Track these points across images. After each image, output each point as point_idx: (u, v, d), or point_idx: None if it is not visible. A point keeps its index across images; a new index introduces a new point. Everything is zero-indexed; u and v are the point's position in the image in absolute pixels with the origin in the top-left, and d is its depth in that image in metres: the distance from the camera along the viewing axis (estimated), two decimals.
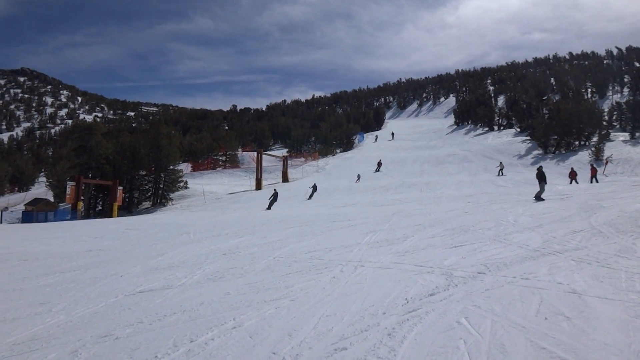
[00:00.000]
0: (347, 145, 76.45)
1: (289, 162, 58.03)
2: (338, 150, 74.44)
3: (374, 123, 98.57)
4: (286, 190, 42.58)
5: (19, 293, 9.73)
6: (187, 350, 5.34)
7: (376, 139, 78.10)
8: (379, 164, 50.16)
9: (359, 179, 43.62)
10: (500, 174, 38.12)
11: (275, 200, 31.18)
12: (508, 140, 57.87)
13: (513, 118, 69.69)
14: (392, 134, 78.93)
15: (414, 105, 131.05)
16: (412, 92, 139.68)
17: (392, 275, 8.36)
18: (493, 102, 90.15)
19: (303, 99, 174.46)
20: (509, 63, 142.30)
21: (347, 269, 9.21)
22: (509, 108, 74.28)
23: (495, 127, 71.74)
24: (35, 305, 8.40)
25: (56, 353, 5.63)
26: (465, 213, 16.96)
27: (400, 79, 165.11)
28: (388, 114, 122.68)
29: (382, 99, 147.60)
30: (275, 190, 33.20)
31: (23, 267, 13.45)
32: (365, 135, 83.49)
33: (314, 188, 37.00)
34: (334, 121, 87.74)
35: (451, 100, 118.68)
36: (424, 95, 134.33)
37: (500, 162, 40.36)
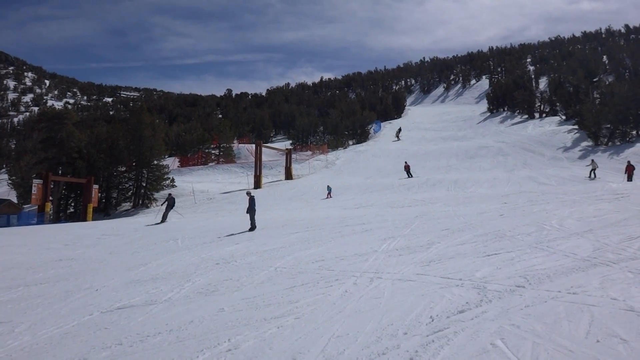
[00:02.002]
0: (361, 137, 76.42)
1: (294, 156, 58.09)
2: (350, 142, 74.43)
3: (393, 110, 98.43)
4: (290, 189, 42.66)
5: None
6: None
7: (398, 134, 72.71)
8: (407, 169, 43.88)
9: (329, 193, 37.04)
10: (592, 175, 33.72)
11: (172, 207, 28.17)
12: (551, 130, 57.61)
13: (557, 104, 69.35)
14: (399, 130, 73.87)
15: (440, 89, 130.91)
16: (438, 74, 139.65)
17: (414, 289, 8.35)
18: (533, 84, 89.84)
19: (309, 82, 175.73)
20: (553, 38, 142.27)
21: (362, 282, 9.21)
22: (552, 92, 73.90)
23: (536, 115, 71.42)
24: None
25: None
26: (501, 216, 16.91)
27: (424, 58, 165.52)
28: (409, 100, 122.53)
29: (403, 82, 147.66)
30: (173, 197, 29.68)
31: None
32: (382, 124, 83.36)
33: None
34: (345, 108, 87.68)
35: (483, 83, 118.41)
36: (452, 77, 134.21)
37: (592, 161, 35.74)
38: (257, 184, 47.46)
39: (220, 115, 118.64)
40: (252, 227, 19.65)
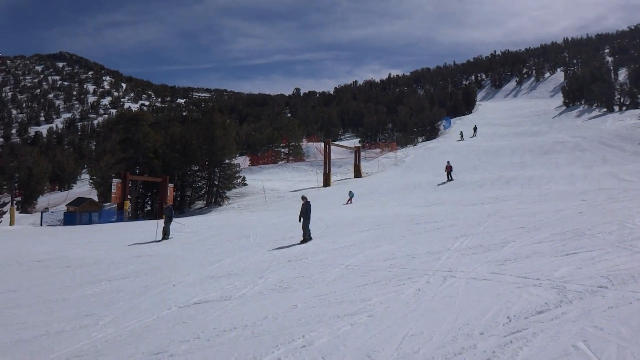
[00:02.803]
0: (431, 133, 75.54)
1: (362, 153, 58.00)
2: (420, 139, 73.67)
3: (463, 106, 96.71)
4: (359, 187, 42.60)
5: (63, 304, 10.30)
6: None
7: (461, 136, 67.24)
8: (449, 170, 40.74)
9: (350, 199, 35.58)
10: None
11: (170, 220, 21.91)
12: (632, 124, 55.11)
13: (639, 96, 66.29)
14: (475, 129, 69.01)
15: (512, 83, 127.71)
16: (510, 68, 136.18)
17: (489, 288, 8.19)
18: (612, 76, 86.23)
19: (377, 79, 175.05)
20: (633, 27, 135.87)
21: (435, 280, 9.10)
22: (633, 83, 70.77)
23: (616, 108, 68.54)
24: (80, 317, 8.86)
25: None
26: (579, 213, 16.34)
27: (495, 51, 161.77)
28: (480, 95, 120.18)
29: (473, 77, 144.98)
30: (169, 206, 23.37)
31: (66, 274, 14.21)
32: (452, 120, 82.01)
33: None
34: (414, 105, 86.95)
35: (558, 76, 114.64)
36: (524, 70, 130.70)
37: None
38: (326, 182, 47.63)
39: (289, 114, 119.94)
40: (305, 239, 16.53)
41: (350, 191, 36.22)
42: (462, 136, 65.43)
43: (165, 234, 21.41)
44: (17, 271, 14.01)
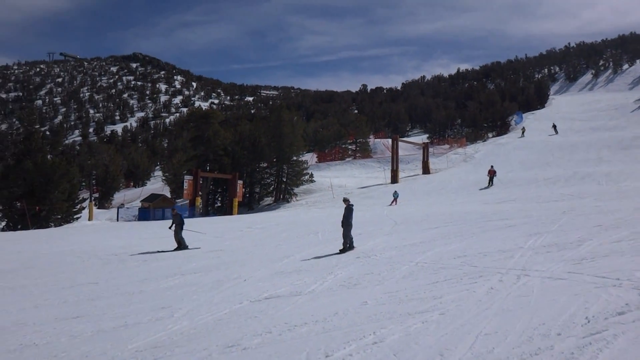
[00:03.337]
0: (502, 129, 73.77)
1: (431, 149, 57.34)
2: (490, 135, 72.11)
3: (535, 100, 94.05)
4: (428, 184, 42.19)
5: (140, 296, 10.68)
6: None
7: (522, 133, 64.95)
8: (492, 174, 37.34)
9: (395, 199, 34.48)
10: None
11: (181, 227, 18.54)
12: None
13: None
14: (554, 127, 64.38)
15: (588, 76, 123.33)
16: (585, 60, 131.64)
17: (566, 288, 7.94)
18: None
19: (446, 74, 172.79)
20: None
21: (508, 279, 8.90)
22: None
23: None
24: (156, 309, 9.15)
25: None
26: None
27: (569, 43, 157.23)
28: (553, 89, 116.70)
29: (546, 70, 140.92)
30: (178, 213, 19.38)
31: (142, 268, 14.73)
32: (524, 115, 79.80)
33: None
34: (484, 99, 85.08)
35: (638, 68, 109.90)
36: (601, 62, 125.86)
37: None
38: (394, 179, 47.36)
39: (356, 111, 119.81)
40: (345, 248, 14.49)
41: (395, 191, 35.65)
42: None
43: (180, 244, 18.28)
44: (97, 264, 14.61)
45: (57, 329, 8.23)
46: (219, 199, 53.69)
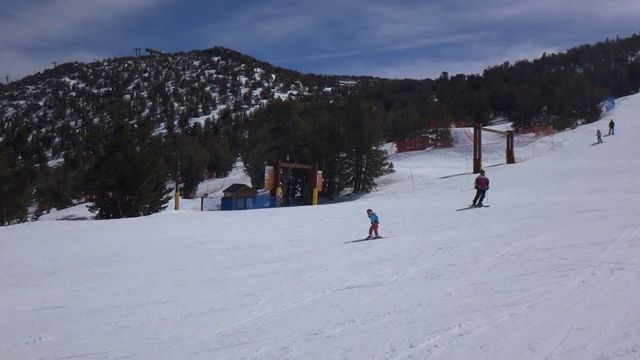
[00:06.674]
0: (592, 115, 70.54)
1: (515, 138, 55.63)
2: (579, 122, 69.16)
3: (629, 84, 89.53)
4: (512, 173, 40.97)
5: (224, 283, 10.98)
6: (407, 356, 5.45)
7: (598, 136, 52.02)
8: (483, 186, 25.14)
9: (374, 225, 17.03)
10: None
11: None
12: None
13: None
14: (611, 125, 55.11)
15: None
16: None
17: None
18: None
19: (530, 60, 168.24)
20: None
21: (601, 272, 8.51)
22: None
23: None
24: (240, 296, 9.38)
25: (266, 348, 6.18)
26: None
27: None
28: None
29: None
30: None
31: (226, 256, 15.13)
32: (616, 101, 75.93)
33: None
34: (572, 85, 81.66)
35: None
36: None
37: None
38: (477, 169, 46.31)
39: (436, 99, 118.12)
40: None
41: (373, 214, 17.17)
42: (599, 138, 51.75)
43: None
44: (183, 252, 15.11)
45: (149, 312, 8.60)
46: (299, 189, 54.27)
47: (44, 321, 8.55)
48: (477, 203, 21.76)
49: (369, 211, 17.06)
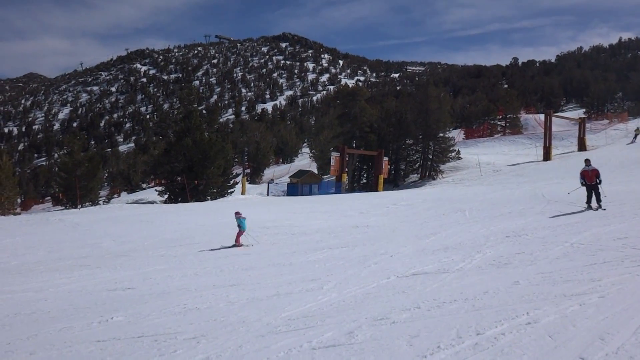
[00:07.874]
0: None
1: (587, 125, 53.69)
2: None
3: None
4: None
5: (290, 268, 11.13)
6: (474, 343, 5.41)
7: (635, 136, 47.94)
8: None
9: (239, 233, 15.14)
10: None
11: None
12: None
13: None
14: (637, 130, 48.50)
15: None
16: None
17: None
18: None
19: (605, 44, 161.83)
20: None
21: None
22: None
23: None
24: (306, 281, 9.49)
25: (332, 332, 6.25)
26: None
27: None
28: None
29: None
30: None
31: (291, 241, 15.31)
32: None
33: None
34: None
35: None
36: None
37: None
38: (547, 156, 45.00)
39: (505, 85, 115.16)
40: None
41: (239, 218, 15.40)
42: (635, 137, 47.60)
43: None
44: (249, 237, 15.36)
45: (216, 295, 8.82)
46: (365, 175, 54.17)
47: (115, 301, 8.88)
48: (589, 204, 16.50)
49: (237, 214, 15.19)
